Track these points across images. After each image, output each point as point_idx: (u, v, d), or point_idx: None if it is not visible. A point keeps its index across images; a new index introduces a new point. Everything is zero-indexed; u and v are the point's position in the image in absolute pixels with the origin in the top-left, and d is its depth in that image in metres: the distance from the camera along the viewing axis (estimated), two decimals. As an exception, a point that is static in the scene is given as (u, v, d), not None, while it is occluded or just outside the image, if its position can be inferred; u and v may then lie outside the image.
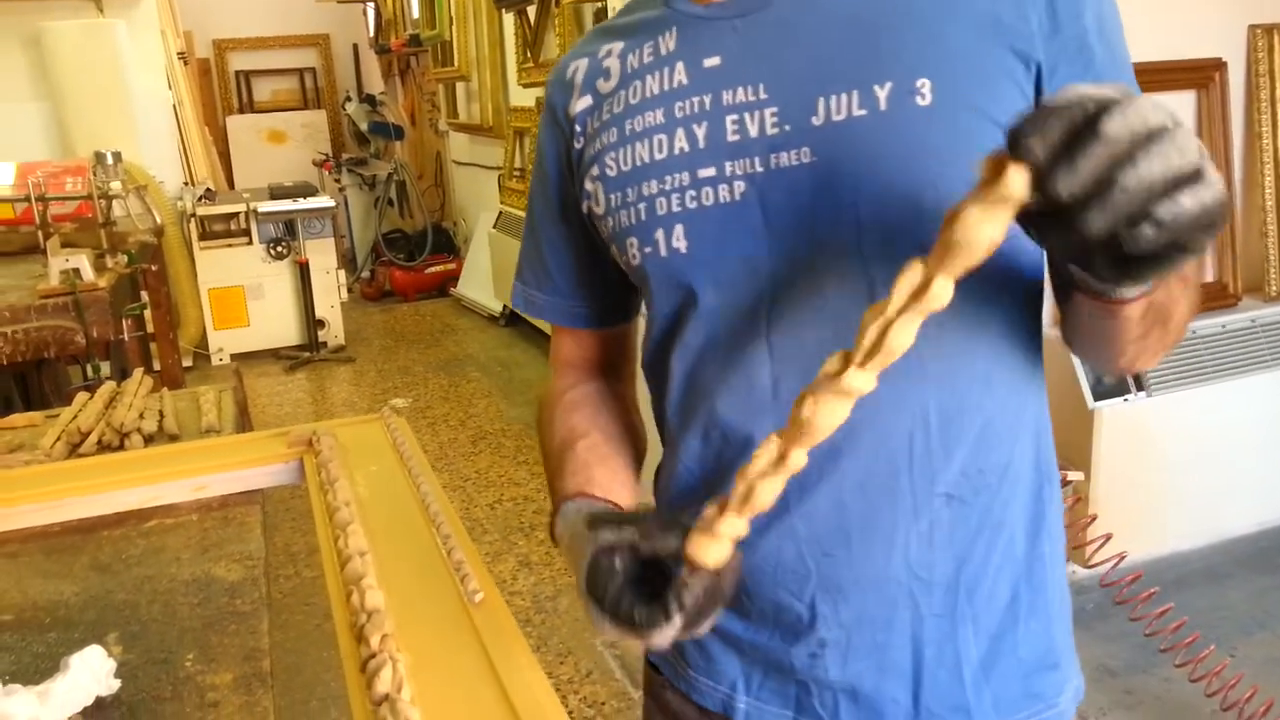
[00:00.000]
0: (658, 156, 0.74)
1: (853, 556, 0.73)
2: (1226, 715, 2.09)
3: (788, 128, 0.70)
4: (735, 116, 0.72)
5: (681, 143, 0.73)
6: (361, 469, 1.22)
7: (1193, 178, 0.46)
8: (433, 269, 6.90)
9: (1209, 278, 2.77)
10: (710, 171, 0.72)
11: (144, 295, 3.35)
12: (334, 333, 5.68)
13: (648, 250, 0.76)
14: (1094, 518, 2.36)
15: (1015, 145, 0.48)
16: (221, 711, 0.81)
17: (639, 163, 0.75)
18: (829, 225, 0.69)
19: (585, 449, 0.82)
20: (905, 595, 0.74)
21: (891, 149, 0.67)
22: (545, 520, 3.38)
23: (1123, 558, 2.23)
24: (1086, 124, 0.46)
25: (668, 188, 0.74)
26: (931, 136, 0.67)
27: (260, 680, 0.85)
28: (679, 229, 0.74)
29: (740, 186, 0.72)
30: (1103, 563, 2.23)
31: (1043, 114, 0.47)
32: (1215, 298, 2.76)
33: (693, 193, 0.73)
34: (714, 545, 0.59)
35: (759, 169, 0.71)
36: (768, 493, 0.58)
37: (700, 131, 0.73)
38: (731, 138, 0.72)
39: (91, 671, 0.82)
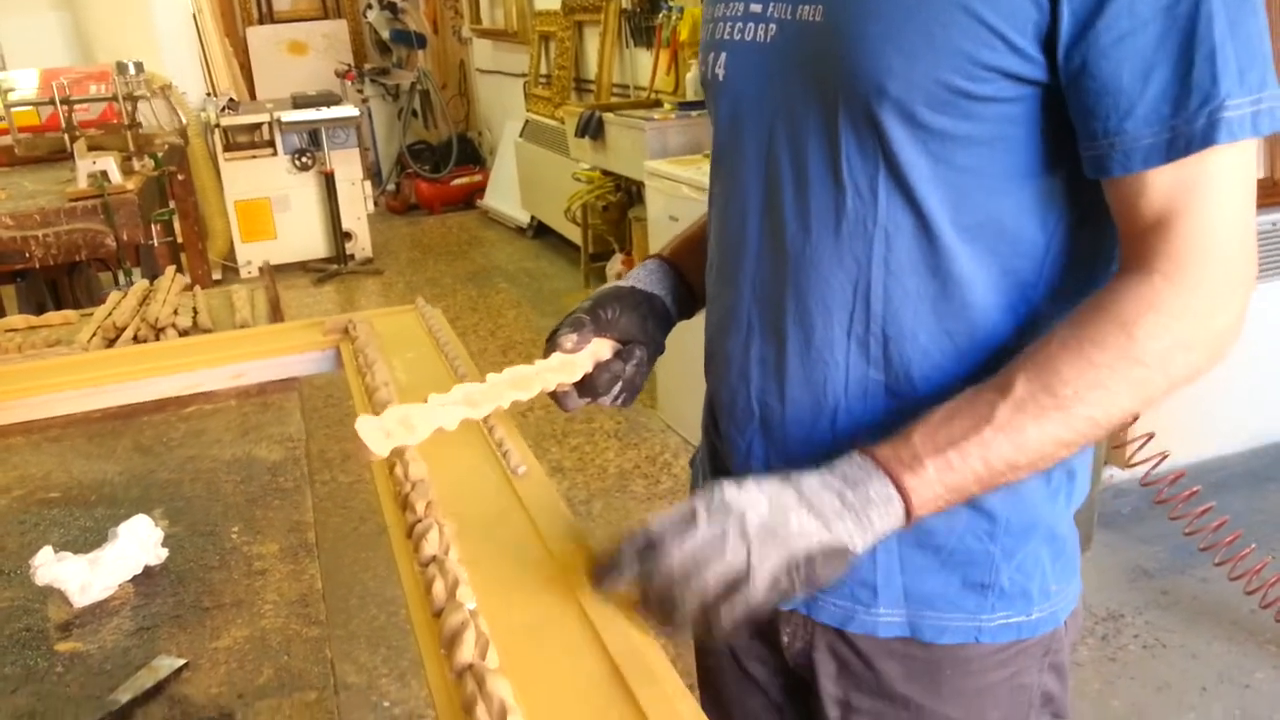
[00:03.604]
0: None
1: (786, 413, 0.76)
2: (1264, 613, 2.09)
3: None
4: None
5: None
6: (399, 355, 1.20)
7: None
8: (458, 181, 6.83)
9: (1260, 174, 2.67)
10: (758, 8, 0.73)
11: (171, 204, 3.34)
12: (361, 245, 5.66)
13: (703, 70, 0.80)
14: (1135, 417, 2.33)
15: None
16: (270, 579, 0.81)
17: None
18: (817, 90, 0.69)
19: (697, 222, 0.93)
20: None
21: (872, 28, 0.65)
22: (576, 428, 3.40)
23: (1164, 457, 2.19)
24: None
25: (728, 14, 0.76)
26: (909, 23, 0.63)
27: (306, 550, 0.85)
28: (723, 56, 0.76)
29: (772, 30, 0.72)
30: (1143, 463, 2.20)
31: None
32: (1265, 194, 2.65)
33: (740, 25, 0.75)
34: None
35: (787, 16, 0.71)
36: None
37: None
38: None
39: (139, 540, 0.82)
